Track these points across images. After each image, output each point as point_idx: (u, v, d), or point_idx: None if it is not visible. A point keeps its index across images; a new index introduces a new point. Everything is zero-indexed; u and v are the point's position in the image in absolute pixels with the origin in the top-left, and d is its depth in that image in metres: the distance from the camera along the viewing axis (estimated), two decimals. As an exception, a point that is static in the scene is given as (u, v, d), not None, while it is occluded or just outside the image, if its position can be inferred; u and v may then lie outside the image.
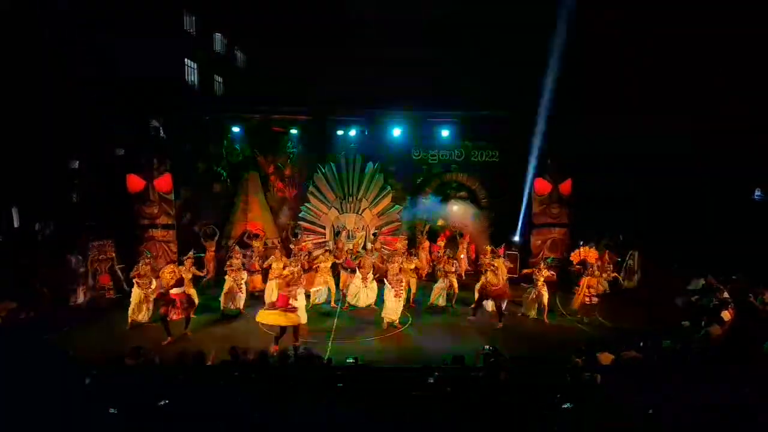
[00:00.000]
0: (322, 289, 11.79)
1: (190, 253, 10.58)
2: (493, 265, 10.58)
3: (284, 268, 9.85)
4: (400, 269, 10.71)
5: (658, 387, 5.25)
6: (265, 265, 11.43)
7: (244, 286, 11.38)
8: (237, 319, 10.97)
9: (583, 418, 4.68)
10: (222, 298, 11.15)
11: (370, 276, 11.61)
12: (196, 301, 10.13)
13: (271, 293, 10.55)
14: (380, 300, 11.50)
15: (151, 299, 10.25)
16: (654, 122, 13.91)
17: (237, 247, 12.26)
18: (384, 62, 17.05)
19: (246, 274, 11.58)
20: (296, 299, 9.39)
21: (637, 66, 15.34)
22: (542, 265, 11.33)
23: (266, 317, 8.82)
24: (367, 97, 15.84)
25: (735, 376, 5.59)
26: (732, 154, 13.72)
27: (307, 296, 10.77)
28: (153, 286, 10.24)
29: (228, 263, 11.52)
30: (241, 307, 11.28)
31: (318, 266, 11.73)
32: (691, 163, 13.97)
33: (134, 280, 10.24)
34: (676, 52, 14.44)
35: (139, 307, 10.16)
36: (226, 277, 11.32)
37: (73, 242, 12.26)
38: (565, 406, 4.79)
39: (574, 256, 11.92)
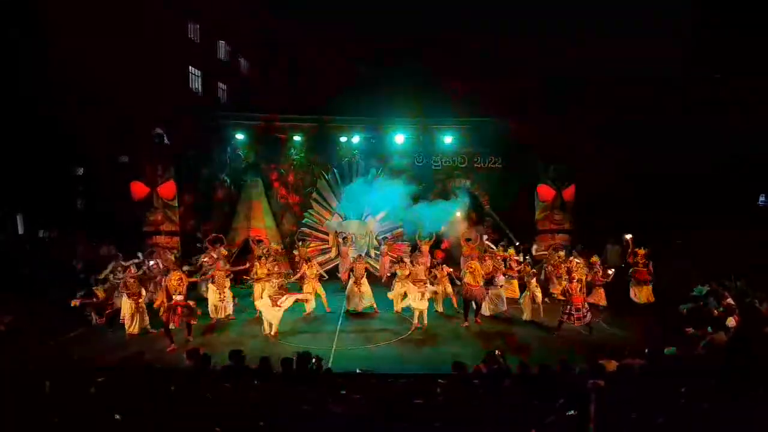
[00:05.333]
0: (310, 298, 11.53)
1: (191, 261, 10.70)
2: (471, 267, 10.82)
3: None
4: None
5: (662, 394, 5.22)
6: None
7: (228, 293, 11.11)
8: (238, 324, 10.95)
9: (586, 425, 4.66)
10: (211, 308, 10.97)
11: (364, 280, 11.71)
12: (195, 308, 10.18)
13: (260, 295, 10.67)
14: (381, 303, 11.72)
15: (143, 310, 10.14)
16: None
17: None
18: (387, 68, 17.18)
19: (229, 281, 11.29)
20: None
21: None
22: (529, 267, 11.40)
23: None
24: (370, 103, 15.92)
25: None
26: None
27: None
28: (144, 296, 10.20)
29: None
30: (230, 313, 11.15)
31: (304, 274, 11.73)
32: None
33: (123, 292, 10.09)
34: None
35: (132, 318, 9.98)
36: (210, 285, 11.12)
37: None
38: (569, 413, 4.76)
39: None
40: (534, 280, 11.09)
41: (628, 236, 12.41)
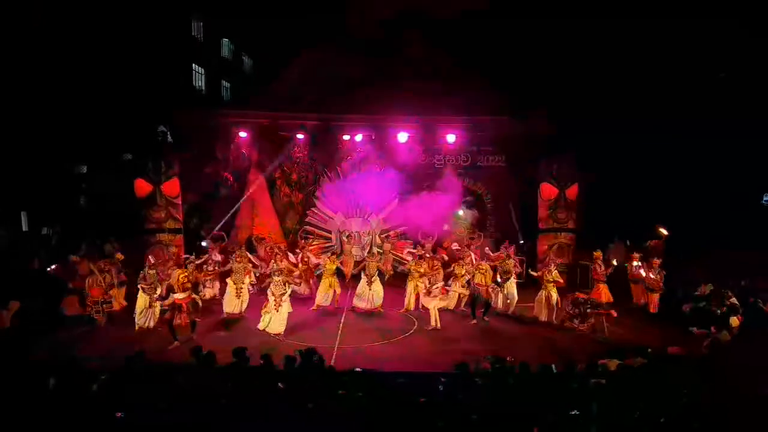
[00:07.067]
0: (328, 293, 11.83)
1: (191, 257, 10.70)
2: (482, 267, 10.94)
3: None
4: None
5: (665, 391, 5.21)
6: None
7: (245, 289, 11.20)
8: (241, 322, 10.94)
9: (589, 424, 4.65)
10: (225, 304, 11.07)
11: (376, 279, 11.70)
12: (200, 305, 10.26)
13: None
14: (388, 302, 11.75)
15: (156, 305, 10.18)
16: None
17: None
18: (390, 66, 17.12)
19: (248, 278, 11.38)
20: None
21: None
22: (552, 266, 11.32)
23: None
24: (373, 101, 15.88)
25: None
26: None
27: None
28: (158, 292, 10.24)
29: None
30: (243, 310, 11.16)
31: (323, 269, 11.80)
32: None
33: (140, 286, 10.20)
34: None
35: (145, 312, 10.10)
36: (228, 280, 11.25)
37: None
38: (573, 413, 4.76)
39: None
40: (551, 281, 10.97)
41: (665, 231, 12.37)
